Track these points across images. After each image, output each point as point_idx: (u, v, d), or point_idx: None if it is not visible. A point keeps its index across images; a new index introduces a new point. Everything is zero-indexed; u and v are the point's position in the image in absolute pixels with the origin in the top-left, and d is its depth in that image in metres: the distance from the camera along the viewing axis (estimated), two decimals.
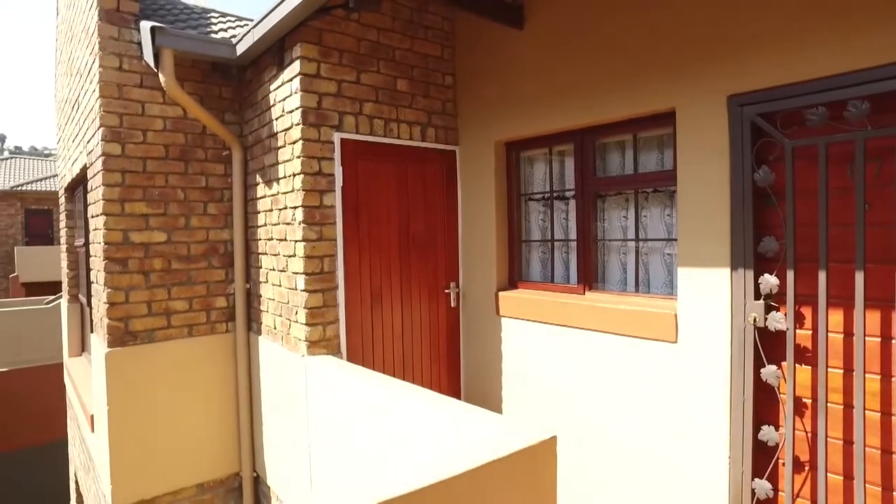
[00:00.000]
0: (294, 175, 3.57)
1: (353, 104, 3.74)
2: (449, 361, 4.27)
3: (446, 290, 4.25)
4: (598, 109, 3.36)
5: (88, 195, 4.53)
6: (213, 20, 4.95)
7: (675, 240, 3.12)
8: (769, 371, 2.66)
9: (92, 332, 4.97)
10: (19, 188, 26.48)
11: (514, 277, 4.12)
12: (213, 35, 4.51)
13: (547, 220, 4.03)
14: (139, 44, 4.00)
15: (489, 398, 4.11)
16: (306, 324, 3.49)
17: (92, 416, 4.54)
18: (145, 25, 3.85)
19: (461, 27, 4.27)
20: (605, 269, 3.69)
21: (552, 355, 3.65)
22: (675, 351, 2.99)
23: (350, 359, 3.66)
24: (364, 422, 2.86)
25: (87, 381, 5.31)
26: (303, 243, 3.49)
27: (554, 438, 2.11)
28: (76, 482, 6.75)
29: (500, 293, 4.02)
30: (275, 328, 3.93)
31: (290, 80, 3.62)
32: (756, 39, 2.63)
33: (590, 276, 3.67)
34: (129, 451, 3.96)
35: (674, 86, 2.97)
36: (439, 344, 4.21)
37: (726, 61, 2.74)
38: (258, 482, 4.41)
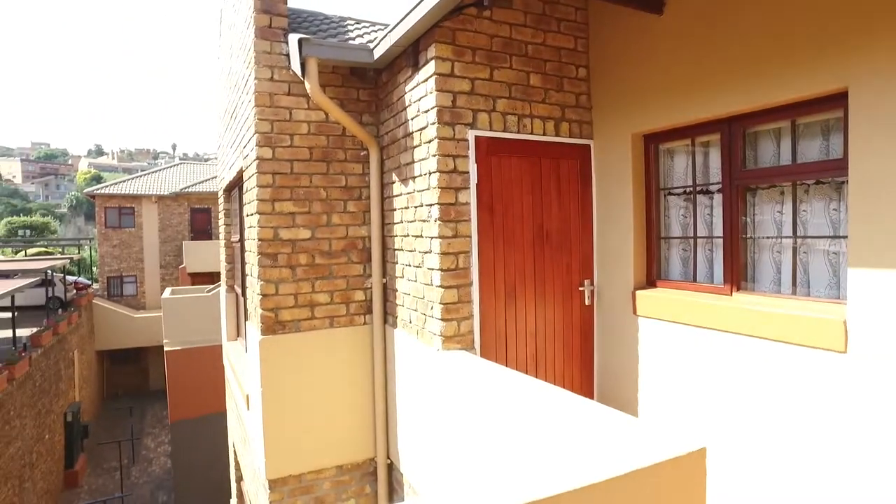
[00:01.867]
0: (430, 173, 3.66)
1: (487, 101, 3.75)
2: (582, 361, 4.16)
3: (580, 288, 4.14)
4: (750, 95, 3.08)
5: (244, 196, 4.98)
6: (350, 27, 5.21)
7: (844, 237, 2.78)
8: None
9: (247, 319, 5.48)
10: (186, 190, 30.01)
11: (653, 276, 3.92)
12: (351, 42, 4.76)
13: (689, 215, 3.78)
14: (287, 55, 4.32)
15: (624, 402, 3.95)
16: (441, 319, 3.57)
17: (248, 396, 5.00)
18: (293, 38, 4.15)
19: (595, 17, 4.12)
20: (756, 269, 3.39)
21: (694, 359, 3.42)
22: (843, 362, 2.67)
23: (483, 355, 3.69)
24: (498, 419, 2.87)
25: (243, 364, 5.86)
26: (438, 240, 3.58)
27: (703, 450, 1.97)
28: (234, 452, 7.48)
29: (638, 292, 3.84)
30: (410, 322, 4.07)
31: (425, 80, 3.71)
32: None
33: (738, 276, 3.39)
34: (280, 430, 4.31)
35: (845, 64, 2.64)
36: (572, 343, 4.12)
37: None
38: (392, 469, 4.60)
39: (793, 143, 3.14)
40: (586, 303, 4.17)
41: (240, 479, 7.10)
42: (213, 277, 23.73)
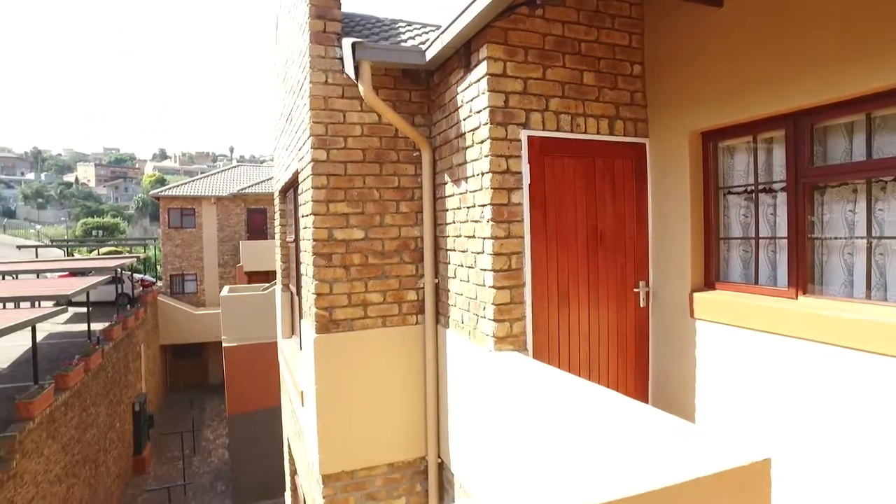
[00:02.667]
0: (482, 174, 3.66)
1: (539, 101, 3.72)
2: (636, 365, 4.07)
3: (635, 290, 4.05)
4: (820, 89, 2.93)
5: (299, 197, 5.11)
6: (402, 29, 5.27)
7: None
8: None
9: (301, 318, 5.62)
10: (243, 191, 31.09)
11: (711, 277, 3.79)
12: (402, 44, 4.81)
13: (750, 215, 3.63)
14: (341, 59, 4.40)
15: (680, 408, 3.84)
16: (494, 319, 3.56)
17: (302, 392, 5.12)
18: (346, 42, 4.22)
19: (651, 12, 4.02)
20: (824, 271, 3.22)
21: (756, 365, 3.29)
22: None
23: (536, 356, 3.66)
24: (552, 422, 2.84)
25: (297, 361, 6.01)
26: (491, 240, 3.57)
27: (768, 462, 1.89)
28: (288, 446, 7.69)
29: (695, 294, 3.73)
30: (462, 322, 4.08)
31: (478, 80, 3.71)
32: None
33: (804, 278, 3.24)
34: (334, 427, 4.40)
35: None
36: (626, 345, 4.04)
37: None
38: (443, 468, 4.63)
39: (868, 138, 2.97)
40: (641, 305, 4.07)
41: (294, 472, 7.29)
42: (268, 276, 24.44)
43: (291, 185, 6.23)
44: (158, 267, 37.04)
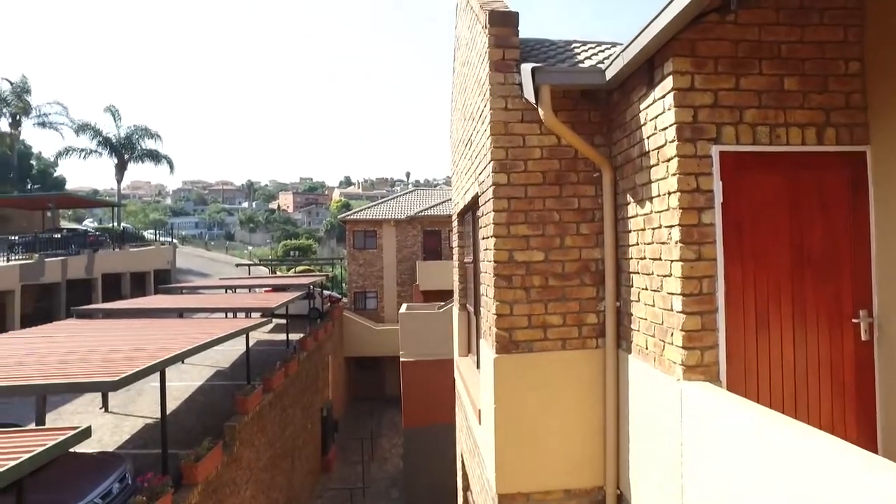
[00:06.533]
0: (669, 193, 3.49)
1: (732, 113, 3.46)
2: (858, 407, 3.53)
3: (854, 320, 3.54)
4: None
5: (479, 220, 5.30)
6: (576, 50, 5.26)
7: None
8: None
9: (479, 337, 5.78)
10: (419, 214, 33.13)
11: None
12: (580, 65, 4.80)
13: None
14: (519, 84, 4.51)
15: None
16: (682, 347, 3.35)
17: (479, 411, 5.25)
18: (526, 68, 4.32)
19: None
20: None
21: None
22: None
23: (730, 388, 3.36)
24: (751, 463, 2.58)
25: (474, 379, 6.18)
26: (679, 263, 3.38)
27: None
28: (462, 462, 7.90)
29: None
30: (646, 348, 3.90)
31: (662, 96, 3.57)
32: None
33: None
34: (511, 447, 4.43)
35: None
36: (844, 384, 3.53)
37: None
38: (621, 500, 4.41)
39: None
40: (863, 337, 3.54)
41: (466, 488, 7.46)
42: (442, 295, 25.54)
43: (470, 209, 6.48)
44: (343, 284, 40.63)
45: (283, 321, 20.37)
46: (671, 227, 3.47)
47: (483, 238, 4.95)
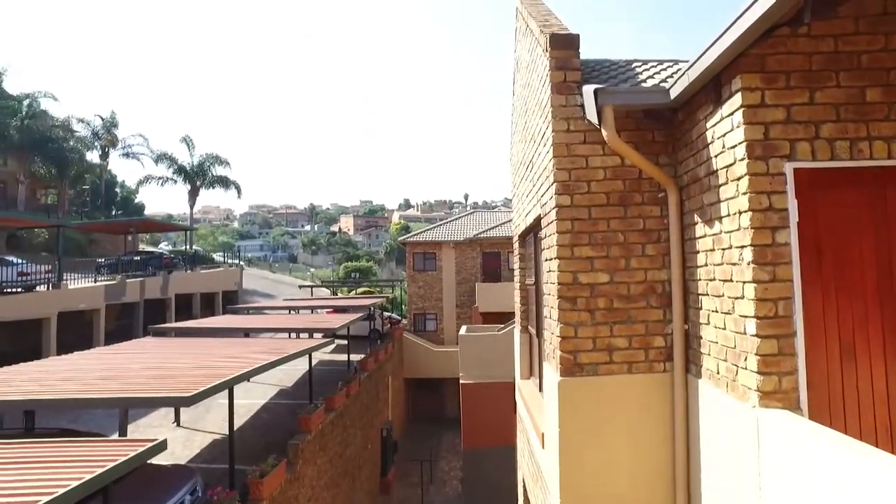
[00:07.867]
0: (739, 213, 3.38)
1: (807, 128, 3.33)
2: None
3: None
4: None
5: (541, 241, 5.28)
6: (638, 69, 5.21)
7: None
8: None
9: (542, 360, 5.71)
10: (479, 236, 33.23)
11: None
12: (643, 85, 4.75)
13: None
14: (581, 106, 4.51)
15: None
16: (758, 372, 3.21)
17: (542, 435, 5.17)
18: (588, 89, 4.32)
19: None
20: None
21: None
22: None
23: (813, 417, 3.18)
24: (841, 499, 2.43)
25: (537, 402, 6.10)
26: (752, 285, 3.25)
27: None
28: (524, 487, 7.76)
29: None
30: (717, 373, 3.75)
31: (731, 114, 3.48)
32: None
33: None
34: (576, 473, 4.34)
35: None
36: None
37: None
38: None
39: None
40: None
41: None
42: (501, 317, 25.40)
43: (532, 230, 6.46)
44: (403, 306, 41.06)
45: (345, 342, 20.74)
46: (742, 247, 3.35)
47: (546, 260, 4.93)
